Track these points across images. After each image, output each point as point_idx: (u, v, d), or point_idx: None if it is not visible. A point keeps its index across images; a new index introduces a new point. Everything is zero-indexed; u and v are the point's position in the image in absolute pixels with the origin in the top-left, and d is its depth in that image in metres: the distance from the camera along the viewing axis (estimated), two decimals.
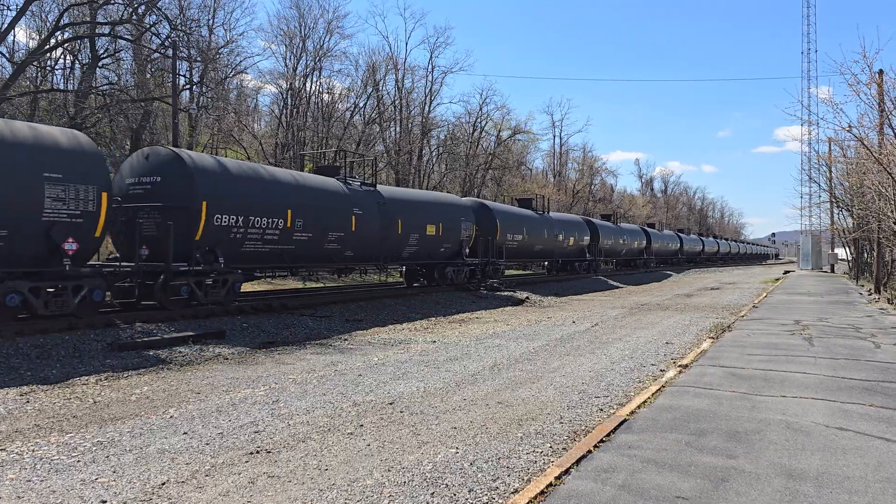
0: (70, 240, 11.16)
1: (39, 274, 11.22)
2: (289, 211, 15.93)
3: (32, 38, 32.09)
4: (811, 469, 5.12)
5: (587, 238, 37.06)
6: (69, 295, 11.60)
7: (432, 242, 22.25)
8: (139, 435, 6.29)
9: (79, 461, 5.52)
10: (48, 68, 31.67)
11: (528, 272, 42.03)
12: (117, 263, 13.30)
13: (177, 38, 28.55)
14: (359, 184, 19.69)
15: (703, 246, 72.93)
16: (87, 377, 9.11)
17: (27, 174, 10.71)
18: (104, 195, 11.71)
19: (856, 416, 6.75)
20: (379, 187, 20.79)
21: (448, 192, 45.43)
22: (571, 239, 34.90)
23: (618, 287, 33.09)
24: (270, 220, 15.47)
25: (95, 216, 11.60)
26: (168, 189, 13.79)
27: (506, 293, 24.05)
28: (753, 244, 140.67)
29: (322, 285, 25.69)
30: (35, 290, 11.14)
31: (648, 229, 53.46)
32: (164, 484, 4.98)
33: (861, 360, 10.17)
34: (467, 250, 24.68)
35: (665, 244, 56.70)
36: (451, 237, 23.27)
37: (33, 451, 5.81)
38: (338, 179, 18.82)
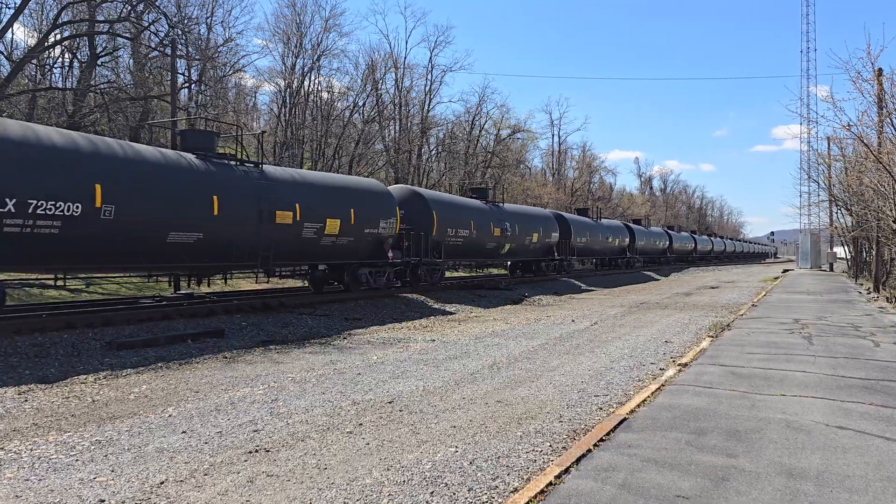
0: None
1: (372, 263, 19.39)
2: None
3: (31, 36, 32.03)
4: (811, 468, 5.11)
5: (555, 234, 32.41)
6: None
7: (537, 244, 22.25)
8: (138, 434, 6.27)
9: (77, 460, 5.51)
10: (47, 66, 31.63)
11: (581, 267, 38.13)
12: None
13: (175, 37, 28.53)
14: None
15: (712, 245, 67.19)
16: (85, 376, 9.10)
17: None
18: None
19: (856, 414, 6.74)
20: (506, 205, 21.14)
21: (446, 191, 45.33)
22: (535, 235, 29.95)
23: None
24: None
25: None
26: None
27: (522, 290, 24.49)
28: (752, 243, 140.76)
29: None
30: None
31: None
32: (162, 483, 4.97)
33: (860, 358, 10.16)
34: (555, 250, 23.17)
35: (683, 244, 51.89)
36: (546, 240, 22.66)
37: (31, 449, 5.79)
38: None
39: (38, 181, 10.91)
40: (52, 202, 11.07)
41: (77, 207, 11.41)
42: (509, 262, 33.08)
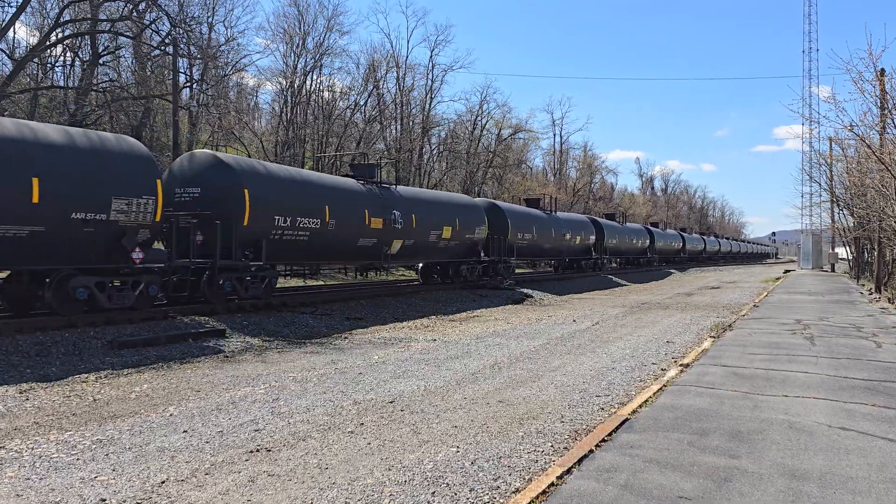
0: None
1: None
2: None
3: (33, 35, 32.05)
4: (814, 469, 5.09)
5: (593, 237, 37.66)
6: None
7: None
8: (139, 433, 6.26)
9: (78, 459, 5.50)
10: (48, 65, 31.66)
11: (535, 270, 42.07)
12: None
13: (177, 36, 28.52)
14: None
15: (705, 245, 73.81)
16: (86, 375, 9.09)
17: None
18: None
19: (858, 415, 6.72)
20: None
21: (448, 190, 45.43)
22: (578, 238, 35.39)
23: (622, 285, 33.49)
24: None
25: None
26: None
27: (522, 290, 24.48)
28: (754, 243, 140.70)
29: (322, 283, 25.65)
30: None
31: (652, 228, 54.15)
32: (163, 482, 4.96)
33: (863, 359, 10.14)
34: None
35: (668, 243, 57.41)
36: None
37: (32, 448, 5.79)
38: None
39: (301, 204, 16.25)
40: (304, 217, 16.25)
41: (317, 222, 16.71)
42: (554, 261, 37.54)
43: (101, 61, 29.89)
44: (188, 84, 35.20)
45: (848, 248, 44.67)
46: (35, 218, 10.68)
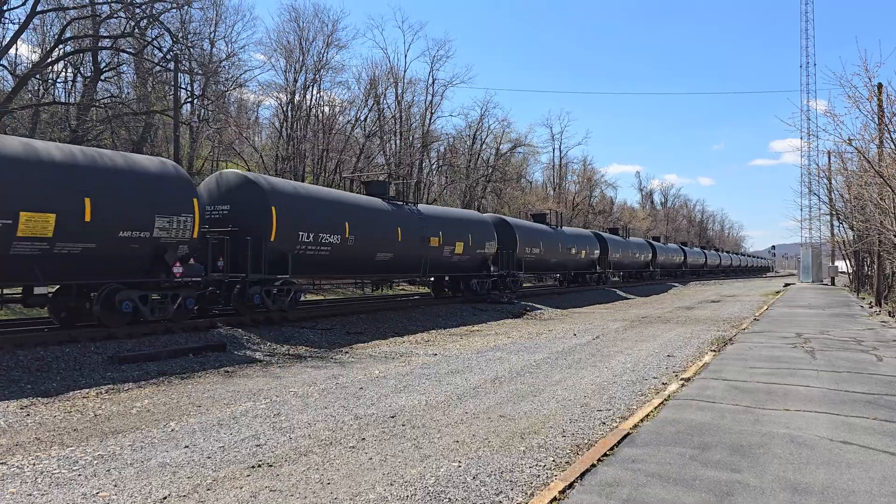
0: None
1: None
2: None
3: (34, 52, 32.26)
4: (816, 483, 5.09)
5: (597, 251, 38.46)
6: None
7: (461, 256, 23.37)
8: (140, 448, 6.26)
9: (80, 475, 5.49)
10: (50, 81, 31.82)
11: (536, 285, 42.57)
12: None
13: (178, 52, 28.71)
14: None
15: (706, 259, 75.18)
16: (87, 390, 9.08)
17: None
18: None
19: (860, 429, 6.72)
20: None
21: (448, 204, 45.51)
22: (583, 252, 36.21)
23: (626, 298, 34.00)
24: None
25: None
26: None
27: (523, 303, 24.67)
28: (753, 257, 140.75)
29: (322, 298, 25.65)
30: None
31: (654, 243, 55.15)
32: (165, 498, 4.95)
33: (864, 373, 10.14)
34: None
35: (670, 257, 58.49)
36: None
37: (34, 464, 5.78)
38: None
39: (322, 220, 16.96)
40: (326, 234, 16.95)
41: (338, 237, 17.39)
42: (559, 275, 38.25)
43: (102, 77, 30.05)
44: (189, 99, 35.37)
45: (848, 261, 44.70)
46: (87, 235, 11.49)
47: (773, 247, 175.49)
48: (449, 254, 22.70)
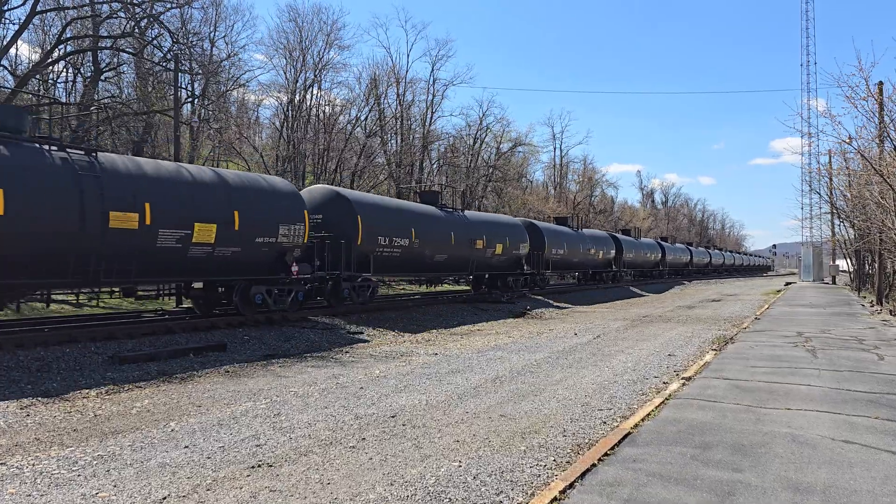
0: None
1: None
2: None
3: (35, 52, 32.25)
4: (818, 483, 5.07)
5: (613, 252, 41.47)
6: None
7: (500, 256, 26.28)
8: (140, 448, 6.24)
9: (79, 475, 5.48)
10: (50, 81, 31.82)
11: (562, 282, 44.08)
12: None
13: (179, 52, 28.70)
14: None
15: (710, 258, 78.19)
16: (87, 390, 9.07)
17: None
18: None
19: (861, 428, 6.70)
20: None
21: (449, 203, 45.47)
22: (601, 252, 39.13)
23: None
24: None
25: None
26: None
27: (523, 303, 24.84)
28: (754, 256, 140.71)
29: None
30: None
31: (663, 243, 57.84)
32: (165, 498, 4.94)
33: (865, 372, 10.12)
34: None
35: (677, 256, 61.28)
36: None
37: (34, 465, 5.77)
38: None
39: (395, 227, 20.06)
40: (398, 238, 19.99)
41: (406, 241, 20.40)
42: (578, 273, 41.01)
43: (102, 77, 30.05)
44: (189, 99, 35.38)
45: (849, 260, 44.68)
46: (235, 241, 14.44)
47: (774, 246, 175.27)
48: (490, 255, 25.73)
